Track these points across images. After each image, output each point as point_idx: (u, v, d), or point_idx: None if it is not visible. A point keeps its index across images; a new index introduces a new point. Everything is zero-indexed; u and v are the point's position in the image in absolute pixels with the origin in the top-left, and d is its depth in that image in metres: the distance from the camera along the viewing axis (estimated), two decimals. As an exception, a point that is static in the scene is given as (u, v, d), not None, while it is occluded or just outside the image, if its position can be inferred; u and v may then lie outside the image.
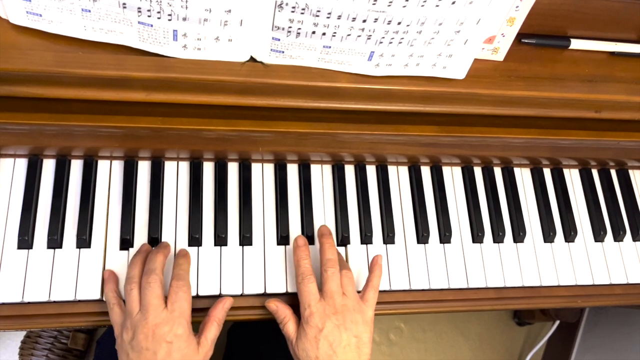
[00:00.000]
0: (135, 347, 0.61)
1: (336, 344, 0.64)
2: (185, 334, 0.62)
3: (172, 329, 0.61)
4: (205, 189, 0.76)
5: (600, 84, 0.69)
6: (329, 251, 0.70)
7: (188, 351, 0.62)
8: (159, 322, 0.61)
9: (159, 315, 0.62)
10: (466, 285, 0.79)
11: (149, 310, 0.62)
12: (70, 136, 0.67)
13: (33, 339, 1.31)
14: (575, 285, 0.82)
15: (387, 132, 0.70)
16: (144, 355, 0.60)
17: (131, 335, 0.61)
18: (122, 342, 0.62)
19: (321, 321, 0.65)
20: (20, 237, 0.68)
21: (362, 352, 0.66)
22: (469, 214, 0.83)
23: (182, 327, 0.62)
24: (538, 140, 0.75)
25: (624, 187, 0.90)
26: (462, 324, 1.66)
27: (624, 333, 1.42)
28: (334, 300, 0.66)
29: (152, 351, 0.60)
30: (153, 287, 0.63)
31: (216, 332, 0.66)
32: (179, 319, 0.62)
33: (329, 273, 0.68)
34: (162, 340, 0.60)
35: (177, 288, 0.64)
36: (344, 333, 0.65)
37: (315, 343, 0.64)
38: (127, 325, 0.62)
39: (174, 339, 0.61)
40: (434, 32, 0.57)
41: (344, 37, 0.57)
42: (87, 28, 0.55)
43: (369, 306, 0.69)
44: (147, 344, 0.60)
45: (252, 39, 0.57)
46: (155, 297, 0.63)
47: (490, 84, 0.66)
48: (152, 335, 0.60)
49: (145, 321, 0.61)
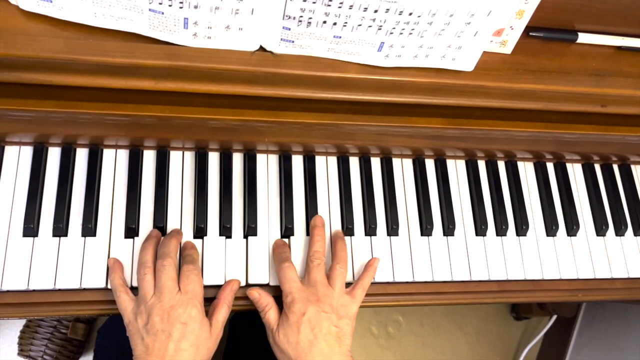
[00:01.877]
0: (150, 330, 0.61)
1: (317, 329, 0.65)
2: (199, 316, 0.63)
3: (186, 310, 0.62)
4: (210, 179, 0.76)
5: (607, 78, 0.69)
6: (318, 244, 0.72)
7: (202, 332, 0.63)
8: (173, 304, 0.62)
9: (174, 297, 0.63)
10: (469, 278, 0.79)
11: (163, 292, 0.63)
12: (77, 124, 0.67)
13: (32, 328, 1.30)
14: (576, 279, 0.83)
15: (393, 123, 0.70)
16: (159, 337, 0.61)
17: (145, 319, 0.62)
18: (136, 328, 0.63)
19: (304, 306, 0.65)
20: (26, 225, 0.68)
21: (342, 343, 0.66)
22: (472, 207, 0.83)
23: (196, 309, 0.63)
24: (543, 134, 0.75)
25: (626, 182, 0.90)
26: (460, 317, 1.67)
27: (621, 328, 1.43)
28: (316, 288, 0.67)
29: (167, 332, 0.61)
30: (168, 269, 0.64)
31: (226, 314, 0.67)
32: (192, 300, 0.63)
33: (315, 264, 0.69)
34: (177, 322, 0.61)
35: (188, 272, 0.65)
36: (326, 321, 0.65)
37: (297, 328, 0.65)
38: (141, 310, 0.63)
39: (189, 320, 0.62)
40: (444, 24, 0.57)
41: (354, 28, 0.57)
42: (97, 15, 0.55)
43: (354, 302, 0.70)
44: (162, 326, 0.61)
45: (262, 28, 0.57)
46: (170, 280, 0.63)
47: (498, 76, 0.66)
48: (167, 317, 0.61)
49: (160, 303, 0.62)
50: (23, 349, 1.31)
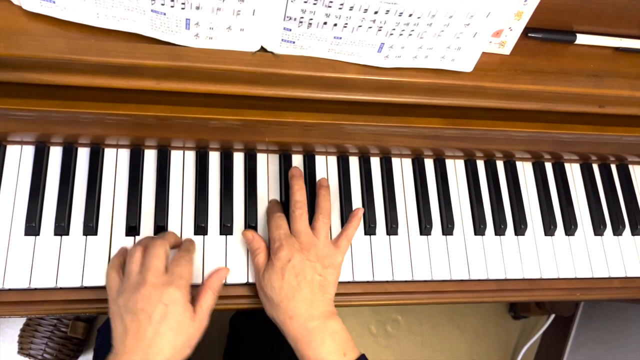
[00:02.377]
0: (130, 308, 0.59)
1: (301, 276, 0.65)
2: (183, 299, 0.61)
3: (169, 291, 0.60)
4: (211, 179, 0.76)
5: (605, 79, 0.69)
6: (298, 193, 0.72)
7: (184, 317, 0.61)
8: (157, 283, 0.60)
9: (159, 276, 0.61)
10: (468, 277, 0.80)
11: (149, 270, 0.61)
12: (78, 123, 0.68)
13: (32, 327, 1.31)
14: (574, 278, 0.83)
15: (393, 123, 0.71)
16: (138, 317, 0.58)
17: (127, 297, 0.60)
18: (117, 307, 0.61)
19: (289, 254, 0.66)
20: (28, 223, 0.69)
21: (326, 292, 0.67)
22: (471, 207, 0.84)
23: (180, 292, 0.61)
24: (542, 134, 0.75)
25: (624, 182, 0.91)
26: (459, 317, 1.67)
27: (618, 327, 1.44)
28: (301, 238, 0.68)
29: (147, 313, 0.58)
30: (158, 250, 0.63)
31: (212, 302, 0.65)
32: (177, 282, 0.61)
33: (297, 214, 0.70)
34: (159, 302, 0.59)
35: (179, 257, 0.65)
36: (310, 269, 0.66)
37: (281, 274, 0.65)
38: (125, 287, 0.61)
39: (170, 302, 0.60)
40: (444, 25, 0.57)
41: (355, 29, 0.57)
42: (99, 15, 0.55)
43: (339, 252, 0.71)
44: (142, 305, 0.59)
45: (263, 28, 0.58)
46: (157, 259, 0.62)
47: (497, 77, 0.67)
48: (149, 297, 0.59)
49: (144, 281, 0.60)
50: (23, 347, 1.31)
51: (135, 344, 0.58)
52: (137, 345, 0.58)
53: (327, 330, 0.64)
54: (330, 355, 0.63)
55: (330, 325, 0.65)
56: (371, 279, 0.76)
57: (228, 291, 0.73)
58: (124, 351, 0.58)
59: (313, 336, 0.63)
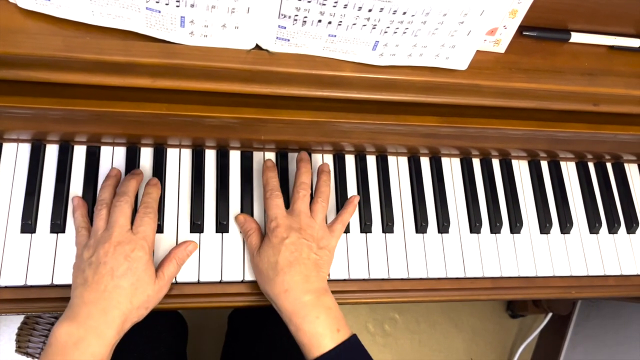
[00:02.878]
0: (93, 262, 0.61)
1: (297, 253, 0.66)
2: (145, 258, 0.63)
3: (133, 249, 0.62)
4: (207, 176, 0.76)
5: (599, 77, 0.69)
6: (304, 175, 0.73)
7: (145, 276, 0.62)
8: (121, 240, 0.62)
9: (123, 234, 0.63)
10: (463, 275, 0.80)
11: (114, 227, 0.63)
12: (74, 121, 0.68)
13: (30, 325, 1.31)
14: (570, 276, 0.84)
15: (388, 121, 0.71)
16: (100, 271, 0.60)
17: (91, 252, 0.62)
18: (81, 261, 0.63)
19: (286, 232, 0.67)
20: (24, 221, 0.69)
21: (320, 270, 0.68)
22: (467, 205, 0.84)
23: (144, 250, 0.63)
24: (536, 132, 0.76)
25: (619, 181, 0.91)
26: (456, 315, 1.68)
27: (615, 326, 1.44)
28: (300, 218, 0.69)
29: (110, 266, 0.60)
30: (123, 207, 0.64)
31: (175, 270, 0.68)
32: (141, 241, 0.63)
33: (300, 195, 0.71)
34: (122, 257, 0.61)
35: (143, 214, 0.66)
36: (306, 248, 0.67)
37: (278, 249, 0.66)
38: (90, 243, 0.63)
39: (134, 260, 0.62)
40: (438, 23, 0.58)
41: (349, 26, 0.57)
42: (95, 13, 0.56)
43: (334, 236, 0.72)
44: (106, 259, 0.61)
45: (258, 26, 0.58)
46: (123, 216, 0.64)
47: (492, 75, 0.67)
48: (113, 251, 0.61)
49: (109, 238, 0.62)
50: (21, 345, 1.31)
51: (94, 296, 0.59)
52: (97, 297, 0.59)
53: (322, 305, 0.65)
54: (325, 329, 0.63)
55: (324, 301, 0.65)
56: (367, 276, 0.76)
57: (225, 289, 0.73)
58: (82, 302, 0.59)
59: (308, 309, 0.64)
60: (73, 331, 0.57)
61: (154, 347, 0.82)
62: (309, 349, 0.63)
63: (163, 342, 0.85)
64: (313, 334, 0.63)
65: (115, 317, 0.59)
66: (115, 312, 0.59)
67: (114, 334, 0.59)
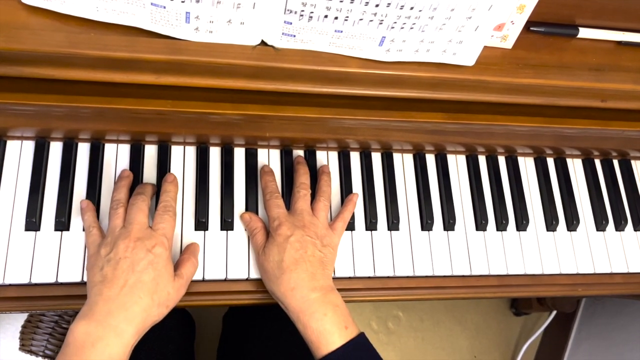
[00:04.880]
0: (112, 258, 0.59)
1: (302, 251, 0.66)
2: (165, 254, 0.62)
3: (154, 245, 0.61)
4: (211, 174, 0.76)
5: (607, 73, 0.69)
6: (303, 176, 0.74)
7: (166, 272, 0.61)
8: (141, 236, 0.61)
9: (143, 230, 0.62)
10: (469, 273, 0.79)
11: (133, 224, 0.62)
12: (78, 118, 0.67)
13: (34, 323, 1.31)
14: (576, 274, 0.83)
15: (394, 118, 0.70)
16: (120, 265, 0.58)
17: (110, 249, 0.60)
18: (97, 258, 0.61)
19: (290, 230, 0.67)
20: (28, 219, 0.68)
21: (326, 267, 0.68)
22: (472, 202, 0.83)
23: (164, 247, 0.62)
24: (543, 129, 0.75)
25: (626, 178, 0.90)
26: (460, 313, 1.67)
27: (620, 324, 1.43)
28: (303, 216, 0.69)
29: (130, 261, 0.59)
30: (140, 205, 0.64)
31: (193, 270, 0.67)
32: (161, 238, 0.62)
33: (301, 194, 0.71)
34: (143, 252, 0.60)
35: (163, 212, 0.65)
36: (311, 245, 0.67)
37: (283, 247, 0.66)
38: (107, 241, 0.62)
39: (154, 256, 0.60)
40: (445, 18, 0.57)
41: (356, 22, 0.57)
42: (99, 9, 0.55)
43: (336, 234, 0.72)
44: (126, 254, 0.59)
45: (264, 22, 0.57)
46: (141, 213, 0.63)
47: (499, 71, 0.66)
48: (133, 246, 0.60)
49: (129, 234, 0.61)
50: (24, 344, 1.31)
51: (114, 292, 0.57)
52: (117, 293, 0.57)
53: (329, 302, 0.65)
54: (333, 326, 0.63)
55: (331, 298, 0.65)
56: (372, 274, 0.76)
57: (230, 287, 0.72)
58: (101, 299, 0.57)
59: (315, 307, 0.64)
60: (91, 330, 0.56)
61: (162, 345, 0.82)
62: (317, 347, 0.63)
63: (172, 341, 0.85)
64: (321, 332, 0.63)
65: (136, 314, 0.57)
66: (136, 307, 0.57)
67: (133, 332, 0.57)
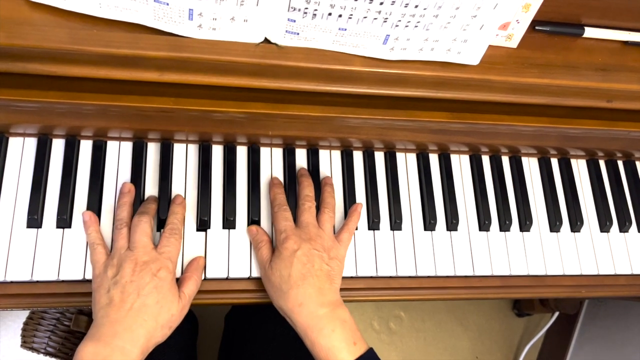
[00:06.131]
0: (119, 281, 0.60)
1: (309, 265, 0.66)
2: (170, 278, 0.63)
3: (158, 269, 0.62)
4: (214, 172, 0.75)
5: (613, 73, 0.68)
6: (307, 189, 0.73)
7: (170, 295, 0.62)
8: (146, 259, 0.62)
9: (148, 252, 0.63)
10: (472, 273, 0.79)
11: (137, 247, 0.63)
12: (81, 115, 0.67)
13: (36, 320, 1.31)
14: (580, 275, 0.83)
15: (397, 117, 0.70)
16: (127, 289, 0.60)
17: (116, 271, 0.61)
18: (104, 279, 0.62)
19: (296, 244, 0.67)
20: (30, 216, 0.68)
21: (333, 281, 0.67)
22: (476, 202, 0.83)
23: (168, 271, 0.63)
24: (548, 129, 0.75)
25: (630, 179, 0.90)
26: (462, 313, 1.67)
27: (623, 326, 1.43)
28: (309, 229, 0.69)
29: (136, 285, 0.60)
30: (144, 226, 0.64)
31: (195, 289, 0.67)
32: (166, 262, 0.63)
33: (306, 207, 0.71)
34: (148, 276, 0.61)
35: (169, 235, 0.66)
36: (318, 259, 0.66)
37: (290, 262, 0.65)
38: (113, 262, 0.62)
39: (159, 280, 0.61)
40: (450, 17, 0.57)
41: (360, 20, 0.56)
42: (102, 5, 0.55)
43: (342, 246, 0.72)
44: (132, 277, 0.60)
45: (267, 19, 0.57)
46: (145, 235, 0.64)
47: (504, 70, 0.66)
48: (140, 270, 0.61)
49: (134, 256, 0.62)
50: (26, 340, 1.31)
51: (120, 315, 0.59)
52: (123, 316, 0.59)
53: (337, 318, 0.64)
54: (341, 343, 0.63)
55: (339, 314, 0.65)
56: (374, 274, 0.76)
57: (232, 285, 0.72)
58: (108, 321, 0.59)
59: (324, 323, 0.63)
60: (99, 350, 0.57)
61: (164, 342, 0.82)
62: None
63: (174, 337, 0.84)
64: (330, 348, 0.62)
65: (141, 335, 0.59)
66: (141, 330, 0.59)
67: (138, 352, 0.59)
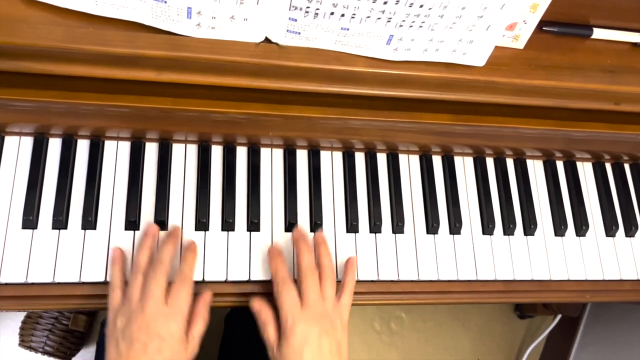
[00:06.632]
0: (126, 336, 0.60)
1: (319, 352, 0.64)
2: (179, 333, 0.62)
3: (167, 324, 0.61)
4: (213, 173, 0.74)
5: (622, 75, 0.67)
6: (307, 257, 0.69)
7: (179, 349, 0.62)
8: (156, 314, 0.61)
9: (158, 307, 0.62)
10: (475, 277, 0.78)
11: (148, 300, 0.62)
12: (78, 115, 0.66)
13: (34, 319, 1.30)
14: (584, 280, 0.81)
15: (400, 119, 0.69)
16: (133, 346, 0.59)
17: (124, 323, 0.61)
18: (114, 329, 0.62)
19: (305, 330, 0.64)
20: (25, 216, 0.67)
21: (342, 356, 0.66)
22: (479, 206, 0.82)
23: (177, 325, 0.62)
24: (554, 132, 0.73)
25: (637, 182, 0.89)
26: (463, 315, 1.66)
27: (625, 329, 1.42)
28: (314, 308, 0.66)
29: (142, 343, 0.60)
30: (158, 278, 0.63)
31: (202, 328, 0.66)
32: (176, 316, 0.62)
33: (309, 282, 0.67)
34: (155, 335, 0.60)
35: (180, 286, 0.64)
36: (326, 340, 0.65)
37: (299, 352, 0.64)
38: (123, 312, 0.62)
39: (167, 336, 0.61)
40: (456, 17, 0.55)
41: (363, 19, 0.55)
42: (98, 3, 0.54)
43: (345, 310, 0.70)
44: (139, 335, 0.60)
45: (268, 19, 0.56)
46: (157, 288, 0.63)
47: (510, 72, 0.65)
48: (146, 327, 0.60)
49: (142, 312, 0.61)
50: (24, 339, 1.30)
51: None
52: None
53: None
54: None
55: None
56: (376, 278, 0.75)
57: (230, 289, 0.71)
58: None
59: None
60: None
61: None
62: None
63: None
64: None
65: None
66: None
67: None
